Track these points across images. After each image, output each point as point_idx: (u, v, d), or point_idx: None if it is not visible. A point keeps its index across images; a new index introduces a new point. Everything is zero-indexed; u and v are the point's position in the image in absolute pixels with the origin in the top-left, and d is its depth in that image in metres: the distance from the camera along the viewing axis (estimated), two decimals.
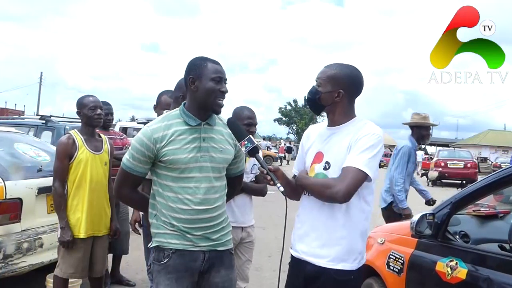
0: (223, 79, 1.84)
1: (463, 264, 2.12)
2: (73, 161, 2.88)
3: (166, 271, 1.83)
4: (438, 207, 2.44)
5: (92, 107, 2.97)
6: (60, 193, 2.86)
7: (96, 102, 3.01)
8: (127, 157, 1.86)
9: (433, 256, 2.33)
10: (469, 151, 22.54)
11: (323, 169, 1.83)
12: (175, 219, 1.82)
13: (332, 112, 1.87)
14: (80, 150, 2.91)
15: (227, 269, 1.93)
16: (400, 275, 2.54)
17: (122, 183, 1.92)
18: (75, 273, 2.91)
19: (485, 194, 2.48)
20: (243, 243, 2.87)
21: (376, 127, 1.81)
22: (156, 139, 1.80)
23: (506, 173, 2.20)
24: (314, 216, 1.84)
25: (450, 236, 2.38)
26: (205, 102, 1.83)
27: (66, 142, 2.89)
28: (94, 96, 3.07)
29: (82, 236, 2.87)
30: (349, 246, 1.78)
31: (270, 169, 1.83)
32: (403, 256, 2.56)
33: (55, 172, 2.90)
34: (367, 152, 1.72)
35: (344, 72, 1.84)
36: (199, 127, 1.86)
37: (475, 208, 2.94)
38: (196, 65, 1.85)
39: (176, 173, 1.82)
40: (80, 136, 2.96)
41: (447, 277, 2.17)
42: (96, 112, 2.98)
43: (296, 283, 1.92)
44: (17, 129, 4.72)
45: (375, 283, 2.81)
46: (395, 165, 4.12)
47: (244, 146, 1.81)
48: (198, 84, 1.82)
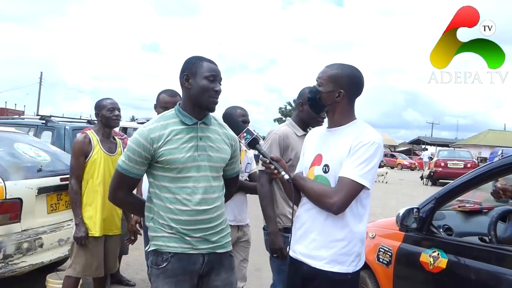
0: (218, 78, 1.84)
1: (444, 254, 2.28)
2: (88, 160, 2.96)
3: (165, 275, 1.80)
4: (423, 202, 2.58)
5: (111, 108, 3.06)
6: (75, 190, 2.94)
7: (114, 104, 3.10)
8: (123, 159, 1.84)
9: (418, 248, 2.49)
10: (469, 151, 22.56)
11: (323, 171, 1.83)
12: (173, 220, 1.79)
13: (332, 111, 1.87)
14: (95, 149, 2.98)
15: (227, 272, 1.91)
16: (389, 267, 2.70)
17: (117, 186, 1.89)
18: (89, 272, 2.96)
19: (466, 190, 2.63)
20: (239, 242, 2.87)
21: (375, 134, 1.80)
22: (153, 139, 1.78)
23: (485, 169, 2.34)
24: (312, 217, 1.84)
25: (434, 229, 2.54)
26: (199, 100, 1.82)
27: (83, 140, 2.98)
28: (111, 99, 3.16)
29: (97, 234, 2.93)
30: (346, 249, 1.78)
31: (272, 158, 1.83)
32: (391, 249, 2.71)
33: (71, 170, 2.99)
34: (365, 164, 1.72)
35: (345, 72, 1.84)
36: (196, 126, 1.85)
37: (461, 204, 3.12)
38: (191, 63, 1.85)
39: (174, 173, 1.80)
40: (96, 136, 3.04)
41: (430, 267, 2.33)
42: (114, 113, 3.06)
43: (294, 283, 1.93)
44: (17, 129, 4.72)
45: (366, 275, 2.92)
46: None
47: (243, 138, 1.80)
48: (192, 81, 1.82)
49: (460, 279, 2.19)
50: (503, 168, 2.27)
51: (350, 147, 1.76)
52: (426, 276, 2.36)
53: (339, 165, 1.77)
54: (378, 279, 2.83)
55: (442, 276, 2.25)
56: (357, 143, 1.75)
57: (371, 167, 1.73)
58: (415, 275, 2.50)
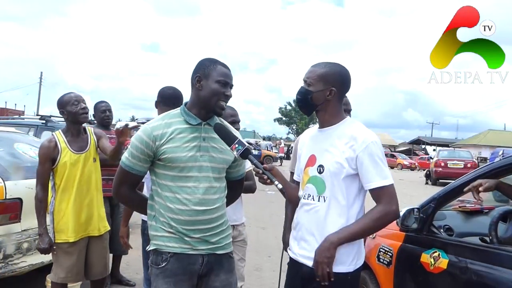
0: (229, 84, 1.84)
1: (445, 255, 2.26)
2: (56, 164, 2.78)
3: (164, 274, 1.80)
4: (424, 203, 2.56)
5: (75, 101, 2.82)
6: (40, 198, 2.76)
7: (77, 97, 2.86)
8: (126, 156, 1.84)
9: (418, 248, 2.46)
10: (469, 151, 22.55)
11: (317, 172, 1.84)
12: (173, 220, 1.80)
13: (324, 111, 1.88)
14: (63, 153, 2.79)
15: (226, 273, 1.90)
16: (389, 267, 2.68)
17: (120, 182, 1.89)
18: (69, 278, 2.82)
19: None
20: (235, 242, 2.86)
21: (369, 131, 1.83)
22: (156, 137, 1.78)
23: (486, 169, 2.31)
24: (310, 219, 1.85)
25: (435, 229, 2.51)
26: (208, 102, 1.82)
27: (48, 145, 2.79)
28: (74, 92, 2.91)
29: (72, 240, 2.78)
30: (345, 250, 1.78)
31: (265, 168, 1.83)
32: (392, 249, 2.69)
33: (37, 176, 2.80)
34: (382, 165, 1.79)
35: (334, 69, 1.86)
36: (200, 127, 1.85)
37: (461, 204, 3.11)
38: (205, 65, 1.85)
39: (175, 172, 1.80)
40: (63, 138, 2.84)
41: (430, 267, 2.30)
42: (80, 106, 2.82)
43: (294, 284, 1.93)
44: (17, 129, 4.72)
45: (367, 276, 2.91)
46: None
47: (235, 150, 1.79)
48: (204, 83, 1.82)
49: (461, 279, 2.18)
50: (504, 168, 2.25)
51: (345, 147, 1.78)
52: (426, 277, 2.34)
53: (333, 165, 1.78)
54: (379, 280, 2.82)
55: (442, 276, 2.24)
56: (360, 144, 1.76)
57: (385, 164, 1.82)
58: (415, 276, 2.47)
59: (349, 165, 1.77)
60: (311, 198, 1.86)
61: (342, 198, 1.79)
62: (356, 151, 1.76)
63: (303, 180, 1.93)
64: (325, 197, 1.81)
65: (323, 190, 1.81)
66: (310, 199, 1.86)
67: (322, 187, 1.82)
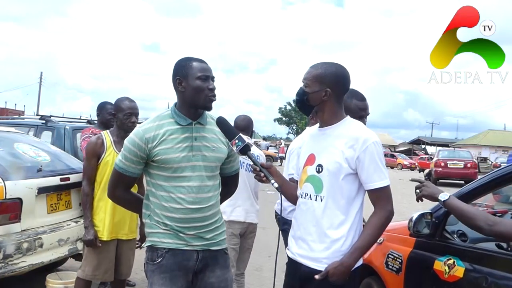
0: (210, 77, 1.84)
1: (460, 262, 2.13)
2: (100, 161, 2.88)
3: (160, 270, 1.83)
4: (436, 207, 2.42)
5: (128, 113, 2.91)
6: (86, 192, 2.88)
7: (132, 109, 2.93)
8: (120, 158, 1.88)
9: (431, 255, 2.34)
10: (469, 151, 22.55)
11: (316, 171, 1.84)
12: (168, 218, 1.83)
13: (321, 111, 1.88)
14: (107, 151, 2.89)
15: (222, 269, 1.93)
16: (399, 274, 2.55)
17: (115, 184, 1.93)
18: (97, 275, 2.89)
19: (482, 193, 2.48)
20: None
21: (370, 131, 1.83)
22: (148, 139, 1.81)
23: (504, 172, 2.21)
24: (308, 219, 1.85)
25: (448, 235, 2.39)
26: (195, 100, 1.83)
27: (95, 142, 2.90)
28: (131, 101, 2.99)
29: (104, 238, 2.87)
30: (344, 248, 1.78)
31: (263, 166, 1.85)
32: (401, 255, 2.56)
33: (83, 171, 2.96)
34: (382, 166, 1.79)
35: (330, 70, 1.86)
36: (190, 127, 1.86)
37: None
38: (181, 66, 1.85)
39: (169, 172, 1.82)
40: (110, 138, 2.94)
41: (445, 275, 2.17)
42: (130, 120, 2.91)
43: (292, 283, 1.93)
44: (17, 129, 4.71)
45: (374, 282, 2.82)
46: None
47: (235, 145, 1.82)
48: (185, 84, 1.83)
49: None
50: None
51: (344, 147, 1.78)
52: (440, 285, 2.20)
53: (332, 165, 1.79)
54: (387, 287, 2.69)
55: (459, 285, 2.10)
56: (359, 144, 1.77)
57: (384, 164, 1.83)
58: (428, 284, 2.33)
59: (349, 165, 1.77)
60: (308, 197, 1.86)
61: (341, 197, 1.79)
62: (356, 151, 1.76)
63: (301, 179, 1.94)
64: (322, 196, 1.81)
65: (321, 189, 1.81)
66: (308, 198, 1.86)
67: (319, 187, 1.82)
